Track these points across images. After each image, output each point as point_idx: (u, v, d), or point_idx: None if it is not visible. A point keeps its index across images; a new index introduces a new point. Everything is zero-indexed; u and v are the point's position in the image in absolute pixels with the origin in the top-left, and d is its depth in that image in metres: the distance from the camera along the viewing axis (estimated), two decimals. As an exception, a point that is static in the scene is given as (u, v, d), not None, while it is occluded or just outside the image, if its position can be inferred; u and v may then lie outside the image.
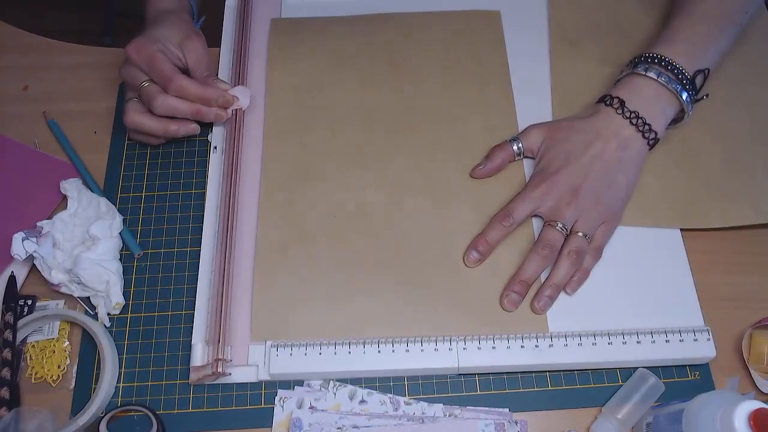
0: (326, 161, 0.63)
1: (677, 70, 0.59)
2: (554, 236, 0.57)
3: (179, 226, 0.63)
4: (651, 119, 0.59)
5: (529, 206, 0.58)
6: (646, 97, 0.60)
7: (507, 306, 0.56)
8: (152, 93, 0.61)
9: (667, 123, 0.61)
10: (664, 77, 0.59)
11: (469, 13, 0.72)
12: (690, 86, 0.60)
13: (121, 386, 0.56)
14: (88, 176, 0.64)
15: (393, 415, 0.54)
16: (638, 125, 0.59)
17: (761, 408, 0.43)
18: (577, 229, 0.57)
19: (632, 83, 0.61)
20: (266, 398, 0.55)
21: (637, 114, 0.59)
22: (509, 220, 0.58)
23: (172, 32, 0.65)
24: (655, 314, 0.57)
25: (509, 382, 0.56)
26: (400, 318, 0.57)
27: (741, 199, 0.61)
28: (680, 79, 0.59)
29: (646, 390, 0.54)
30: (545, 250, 0.57)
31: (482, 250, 0.58)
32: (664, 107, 0.60)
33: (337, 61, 0.69)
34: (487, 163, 0.62)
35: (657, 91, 0.60)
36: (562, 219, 0.57)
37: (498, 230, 0.58)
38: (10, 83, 0.71)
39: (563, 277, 0.57)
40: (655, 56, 0.60)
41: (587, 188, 0.57)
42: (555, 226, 0.57)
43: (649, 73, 0.60)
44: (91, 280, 0.57)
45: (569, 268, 0.57)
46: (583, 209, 0.57)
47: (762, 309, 0.58)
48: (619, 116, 0.59)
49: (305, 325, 0.56)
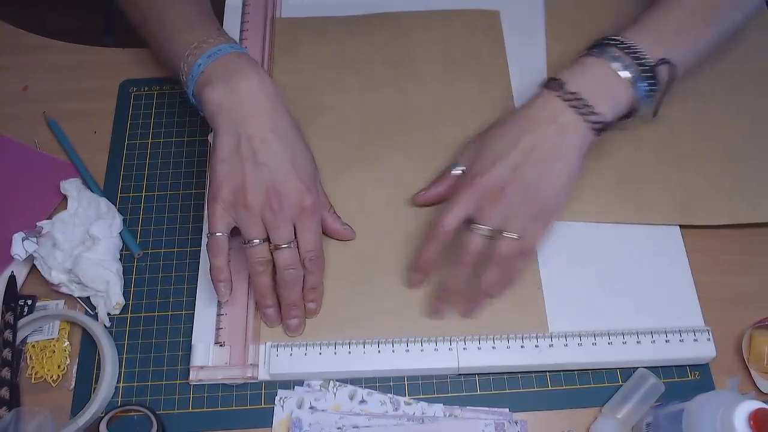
0: (326, 161, 0.63)
1: (637, 54, 0.54)
2: (475, 241, 0.53)
3: (179, 226, 0.63)
4: (594, 100, 0.53)
5: (457, 214, 0.54)
6: (592, 77, 0.55)
7: (433, 316, 0.56)
8: (295, 279, 0.54)
9: (617, 109, 0.55)
10: (619, 61, 0.54)
11: (468, 13, 0.72)
12: (649, 76, 0.55)
13: (121, 386, 0.56)
14: (88, 176, 0.64)
15: (393, 415, 0.54)
16: (578, 106, 0.53)
17: (761, 408, 0.43)
18: (506, 230, 0.53)
19: (581, 64, 0.56)
20: (266, 398, 0.55)
21: (577, 95, 0.53)
22: (441, 232, 0.54)
23: (309, 158, 0.56)
24: (655, 314, 0.57)
25: (509, 382, 0.56)
26: (400, 318, 0.57)
27: (739, 198, 0.61)
28: (639, 64, 0.54)
29: (646, 390, 0.54)
30: (467, 257, 0.53)
31: (423, 269, 0.56)
32: (612, 91, 0.54)
33: (336, 61, 0.69)
34: (430, 188, 0.60)
35: (606, 72, 0.54)
36: (488, 221, 0.53)
37: (432, 244, 0.55)
38: (10, 83, 0.71)
39: (491, 283, 0.55)
40: (618, 39, 0.55)
41: (514, 185, 0.53)
42: (477, 231, 0.53)
43: (602, 55, 0.55)
44: (91, 280, 0.57)
45: (497, 274, 0.54)
46: (511, 207, 0.53)
47: (762, 309, 0.58)
48: (558, 99, 0.54)
49: (305, 325, 0.57)
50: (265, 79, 0.54)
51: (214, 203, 0.53)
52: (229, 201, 0.53)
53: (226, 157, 0.53)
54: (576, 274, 0.59)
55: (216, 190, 0.53)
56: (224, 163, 0.53)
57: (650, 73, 0.55)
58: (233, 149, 0.53)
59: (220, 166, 0.53)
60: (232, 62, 0.55)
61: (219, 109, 0.53)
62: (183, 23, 0.59)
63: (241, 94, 0.53)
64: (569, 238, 0.60)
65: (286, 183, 0.53)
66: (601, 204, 0.61)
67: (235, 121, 0.53)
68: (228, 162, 0.53)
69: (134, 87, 0.70)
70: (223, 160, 0.53)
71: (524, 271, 0.57)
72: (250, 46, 0.70)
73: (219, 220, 0.53)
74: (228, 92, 0.53)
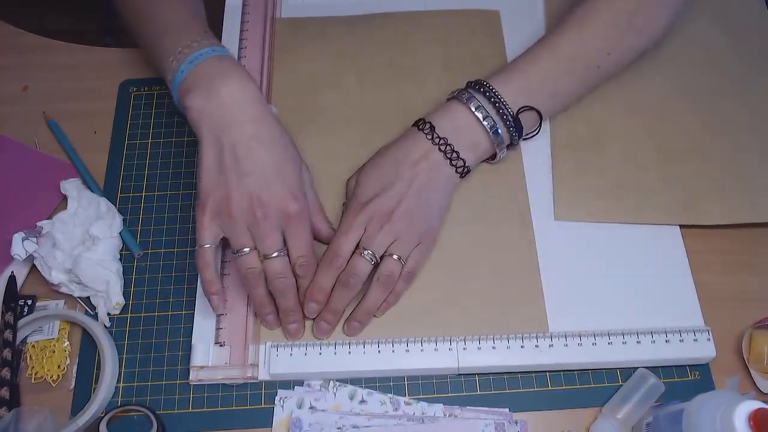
0: (326, 161, 0.63)
1: (499, 104, 0.58)
2: (360, 264, 0.54)
3: (179, 226, 0.63)
4: (459, 147, 0.57)
5: (351, 239, 0.55)
6: (458, 126, 0.58)
7: (317, 335, 0.56)
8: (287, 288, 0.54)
9: (478, 155, 0.59)
10: (482, 111, 0.57)
11: (468, 13, 0.72)
12: (512, 123, 0.58)
13: (121, 386, 0.56)
14: (88, 176, 0.64)
15: (393, 415, 0.54)
16: (446, 152, 0.57)
17: (761, 408, 0.43)
18: (390, 252, 0.55)
19: (449, 109, 0.59)
20: (266, 398, 0.55)
21: (446, 141, 0.57)
22: (338, 260, 0.54)
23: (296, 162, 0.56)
24: (655, 314, 0.57)
25: (509, 382, 0.56)
26: (400, 318, 0.57)
27: (740, 197, 0.61)
28: (501, 114, 0.58)
29: (646, 390, 0.54)
30: (351, 279, 0.54)
31: (320, 299, 0.55)
32: (474, 141, 0.58)
33: (336, 61, 0.69)
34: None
35: (470, 123, 0.58)
36: (373, 246, 0.54)
37: (329, 273, 0.55)
38: (10, 83, 0.71)
39: (373, 302, 0.55)
40: (485, 85, 0.58)
41: (401, 211, 0.55)
42: (362, 254, 0.54)
43: (469, 103, 0.58)
44: (91, 280, 0.57)
45: (380, 294, 0.55)
46: (398, 233, 0.55)
47: (762, 309, 0.58)
48: (429, 141, 0.57)
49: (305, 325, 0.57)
50: (246, 84, 0.54)
51: (201, 214, 0.53)
52: (215, 211, 0.53)
53: (210, 166, 0.53)
54: (576, 274, 0.59)
55: (202, 202, 0.53)
56: (208, 173, 0.53)
57: (514, 121, 0.58)
58: (217, 158, 0.53)
59: (204, 176, 0.53)
60: (213, 67, 0.54)
61: (201, 116, 0.53)
62: (169, 26, 0.59)
63: (221, 100, 0.53)
64: (569, 238, 0.60)
65: (269, 191, 0.52)
66: (603, 204, 0.61)
67: (217, 128, 0.53)
68: (212, 172, 0.53)
69: (134, 87, 0.70)
70: (207, 170, 0.53)
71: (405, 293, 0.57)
72: (250, 46, 0.70)
73: (206, 231, 0.53)
74: (208, 99, 0.53)
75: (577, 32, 0.60)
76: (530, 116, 0.60)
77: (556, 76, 0.60)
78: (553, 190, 0.62)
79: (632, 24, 0.60)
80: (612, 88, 0.66)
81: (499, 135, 0.58)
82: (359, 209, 0.55)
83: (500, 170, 0.63)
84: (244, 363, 0.55)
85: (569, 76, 0.61)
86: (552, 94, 0.61)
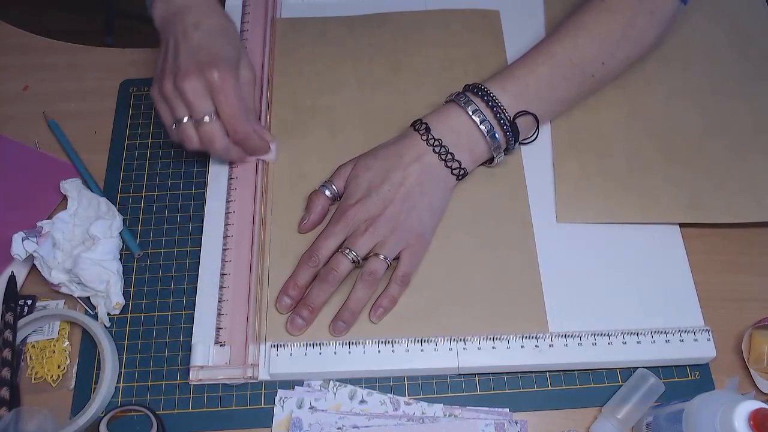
0: (326, 162, 0.63)
1: (497, 108, 0.58)
2: (340, 261, 0.55)
3: (179, 226, 0.63)
4: (455, 149, 0.58)
5: (332, 242, 0.56)
6: (455, 129, 0.58)
7: (290, 330, 0.56)
8: (216, 134, 0.56)
9: (474, 158, 0.60)
10: (479, 115, 0.58)
11: (468, 13, 0.72)
12: (508, 128, 0.58)
13: (121, 386, 0.56)
14: (88, 176, 0.64)
15: (393, 415, 0.54)
16: (441, 154, 0.58)
17: (761, 408, 0.43)
18: (375, 252, 0.56)
19: (446, 111, 0.59)
20: (266, 398, 0.55)
21: (441, 143, 0.58)
22: (315, 260, 0.56)
23: (231, 50, 0.58)
24: (654, 314, 0.57)
25: (509, 382, 0.56)
26: (400, 318, 0.57)
27: (744, 195, 0.61)
28: (498, 118, 0.58)
29: (646, 390, 0.54)
30: (330, 275, 0.55)
31: (293, 294, 0.56)
32: (471, 144, 0.59)
33: (336, 62, 0.69)
34: (310, 216, 0.59)
35: (467, 126, 0.58)
36: (356, 248, 0.55)
37: (306, 272, 0.56)
38: (10, 83, 0.71)
39: (358, 300, 0.56)
40: (483, 89, 0.59)
41: (385, 216, 0.56)
42: (344, 253, 0.55)
43: (467, 107, 0.58)
44: (91, 280, 0.57)
45: (364, 292, 0.55)
46: (381, 237, 0.56)
47: (762, 309, 0.58)
48: (423, 142, 0.58)
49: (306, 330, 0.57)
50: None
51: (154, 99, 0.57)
52: (161, 94, 0.56)
53: (158, 58, 0.58)
54: (576, 274, 0.59)
55: (152, 88, 0.57)
56: (156, 63, 0.58)
57: (510, 126, 0.59)
58: (164, 50, 0.58)
59: (155, 67, 0.58)
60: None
61: (163, 22, 0.58)
62: None
63: (177, 3, 0.58)
64: (569, 238, 0.60)
65: (196, 64, 0.55)
66: (607, 205, 0.61)
67: (170, 27, 0.58)
68: (158, 61, 0.58)
69: (134, 87, 0.70)
70: (156, 61, 0.58)
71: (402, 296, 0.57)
72: (250, 46, 0.70)
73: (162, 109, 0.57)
74: (168, 4, 0.58)
75: (572, 41, 0.60)
76: (526, 121, 0.60)
77: (553, 83, 0.60)
78: (556, 192, 0.62)
79: (626, 36, 0.61)
80: (614, 89, 0.66)
81: (496, 139, 0.59)
82: (343, 212, 0.57)
83: (500, 171, 0.63)
84: (244, 363, 0.55)
85: (566, 83, 0.61)
86: (548, 101, 0.61)
